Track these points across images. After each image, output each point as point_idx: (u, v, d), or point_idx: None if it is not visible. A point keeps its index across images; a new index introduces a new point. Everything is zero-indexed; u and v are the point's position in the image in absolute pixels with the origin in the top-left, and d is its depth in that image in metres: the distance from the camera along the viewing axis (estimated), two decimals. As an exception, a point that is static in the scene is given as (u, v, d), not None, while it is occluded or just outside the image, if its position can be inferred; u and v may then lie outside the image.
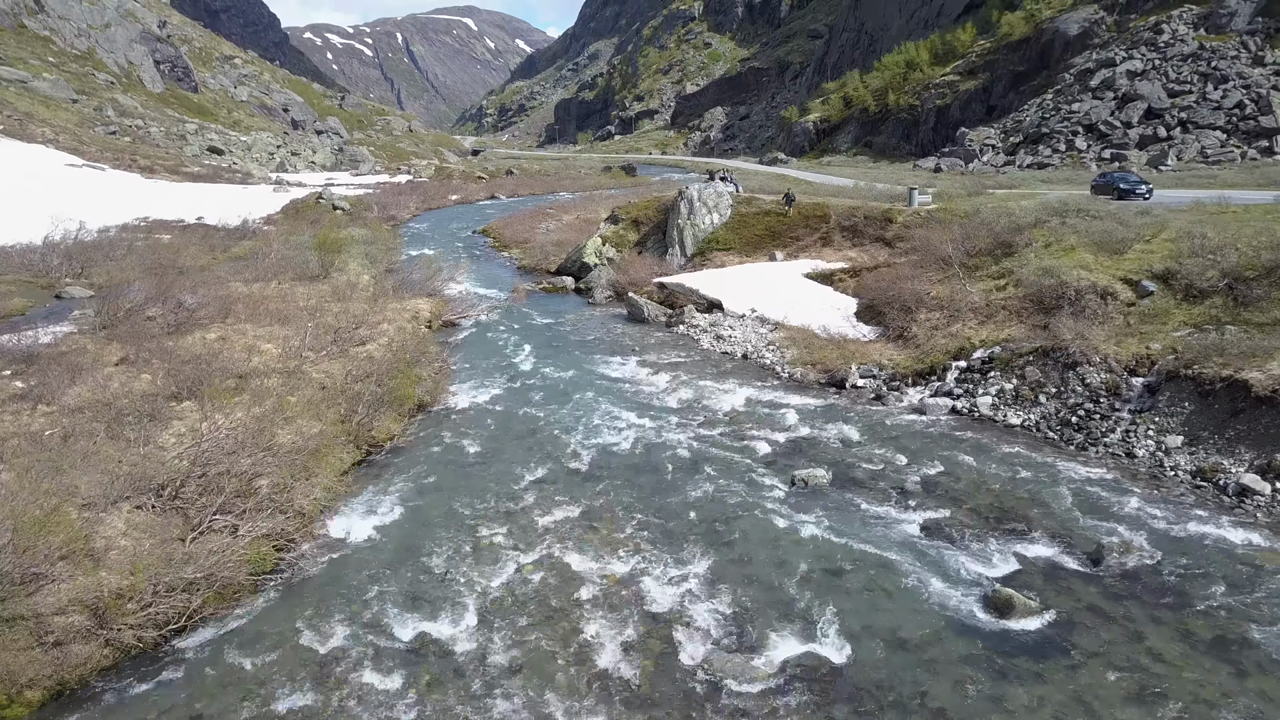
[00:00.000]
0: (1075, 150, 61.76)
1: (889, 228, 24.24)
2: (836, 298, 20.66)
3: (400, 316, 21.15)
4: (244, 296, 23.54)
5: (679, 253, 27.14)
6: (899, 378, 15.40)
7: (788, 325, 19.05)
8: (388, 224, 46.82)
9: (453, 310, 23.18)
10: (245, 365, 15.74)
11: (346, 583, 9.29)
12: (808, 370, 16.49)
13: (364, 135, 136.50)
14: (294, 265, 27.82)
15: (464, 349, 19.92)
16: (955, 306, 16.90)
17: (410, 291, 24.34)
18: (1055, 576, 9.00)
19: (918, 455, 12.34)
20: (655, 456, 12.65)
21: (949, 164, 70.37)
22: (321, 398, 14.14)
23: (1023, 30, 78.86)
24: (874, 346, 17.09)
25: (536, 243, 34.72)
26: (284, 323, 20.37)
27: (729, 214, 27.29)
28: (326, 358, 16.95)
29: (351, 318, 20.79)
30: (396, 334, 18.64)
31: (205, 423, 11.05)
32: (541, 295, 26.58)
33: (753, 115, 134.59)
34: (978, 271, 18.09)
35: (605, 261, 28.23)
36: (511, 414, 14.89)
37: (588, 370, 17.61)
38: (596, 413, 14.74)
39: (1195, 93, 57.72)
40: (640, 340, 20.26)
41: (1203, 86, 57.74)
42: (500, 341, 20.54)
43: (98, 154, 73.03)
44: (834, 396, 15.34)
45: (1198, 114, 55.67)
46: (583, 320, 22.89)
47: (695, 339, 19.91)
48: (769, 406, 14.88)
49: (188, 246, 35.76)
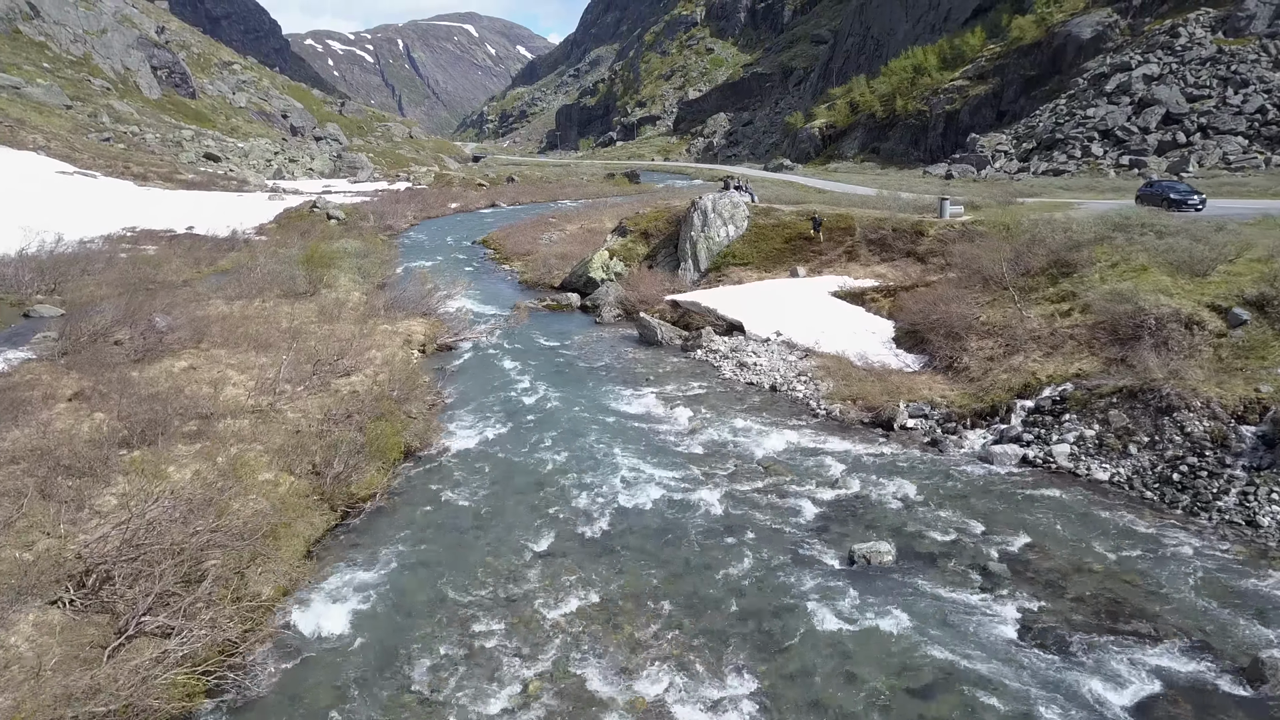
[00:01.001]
0: (1091, 156, 60.23)
1: (920, 241, 22.37)
2: (871, 320, 18.74)
3: (391, 341, 19.26)
4: (222, 317, 21.67)
5: (692, 267, 25.25)
6: (955, 418, 13.47)
7: (820, 352, 17.13)
8: (384, 234, 45.03)
9: (449, 332, 21.30)
10: (212, 403, 13.86)
11: (307, 706, 7.36)
12: (848, 407, 14.56)
13: (363, 141, 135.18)
14: (280, 281, 25.96)
15: (460, 377, 18.02)
16: (1012, 334, 14.99)
17: (403, 311, 22.48)
18: (1206, 704, 7.06)
19: (994, 520, 10.41)
20: (683, 521, 10.72)
21: (960, 170, 68.75)
22: (294, 444, 12.25)
23: (1034, 34, 77.37)
24: (921, 379, 15.18)
25: (539, 255, 32.87)
26: (262, 348, 18.49)
27: (745, 226, 25.42)
28: (306, 392, 15.07)
29: (337, 342, 18.90)
30: (385, 362, 16.75)
31: (138, 500, 9.11)
32: (545, 314, 24.69)
33: (756, 121, 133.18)
34: (1033, 293, 16.19)
35: (613, 277, 26.36)
36: (512, 461, 12.98)
37: (597, 405, 15.71)
38: (609, 460, 12.83)
39: (1215, 97, 56.06)
40: (655, 367, 18.36)
41: (1222, 91, 56.07)
42: (500, 368, 18.65)
43: (90, 161, 71.46)
44: (882, 441, 13.41)
45: (1218, 119, 54.02)
46: (590, 343, 21.00)
47: (716, 366, 17.99)
48: (809, 453, 12.95)
49: (172, 259, 33.95)
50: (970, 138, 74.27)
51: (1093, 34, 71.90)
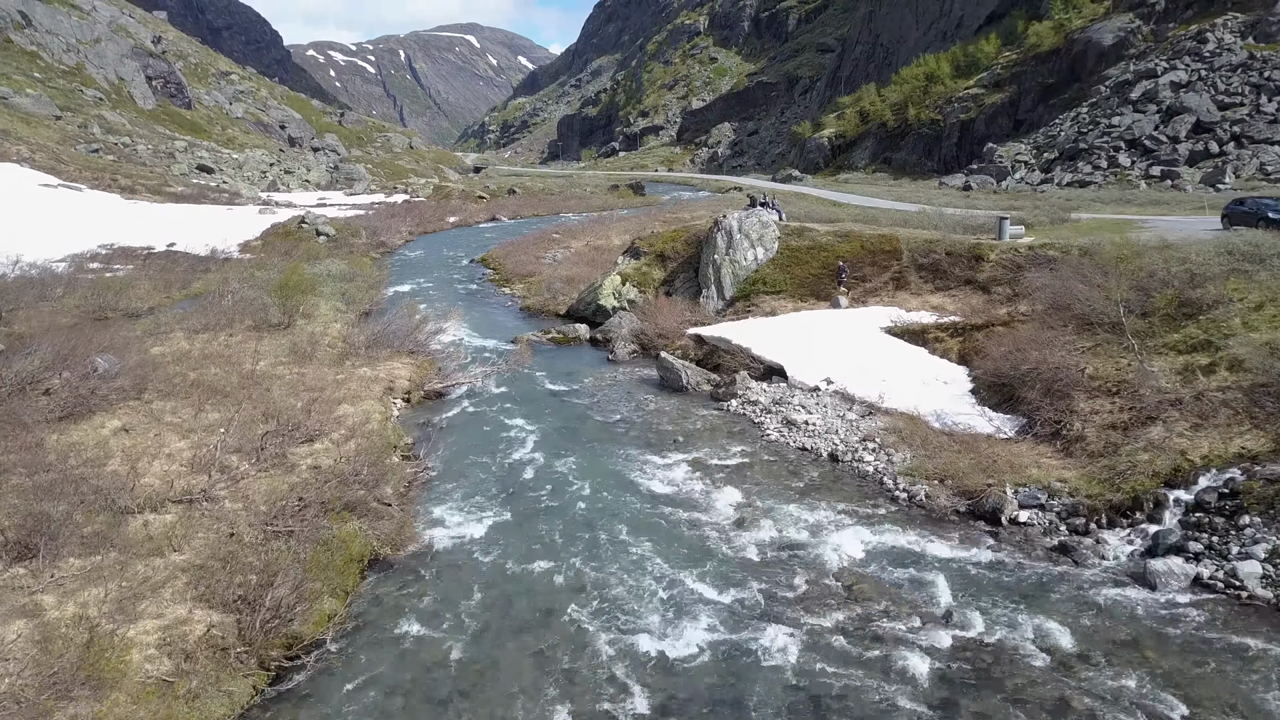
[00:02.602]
0: (1119, 167, 57.62)
1: (980, 267, 19.41)
2: (938, 365, 15.73)
3: (370, 390, 16.24)
4: (177, 357, 18.67)
5: (715, 295, 22.28)
6: (1083, 511, 10.43)
7: (885, 408, 14.10)
8: (377, 251, 42.18)
9: (438, 375, 18.28)
10: (130, 490, 10.86)
11: None
12: (936, 489, 11.52)
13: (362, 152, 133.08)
14: (253, 310, 23.02)
15: (449, 438, 14.99)
16: (1134, 393, 11.98)
17: (388, 347, 19.49)
18: None
19: (1196, 694, 7.35)
20: (746, 687, 7.67)
21: (979, 182, 66.15)
22: (225, 556, 9.26)
23: (1052, 41, 75.07)
24: (1021, 451, 12.15)
25: (542, 276, 29.94)
26: (217, 399, 15.50)
27: (775, 248, 22.46)
28: (255, 468, 12.07)
29: (305, 392, 15.90)
30: (359, 425, 13.74)
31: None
32: (550, 349, 21.68)
33: (761, 131, 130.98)
34: (1149, 339, 13.19)
35: (626, 305, 23.39)
36: (511, 575, 9.94)
37: (617, 479, 12.69)
38: (639, 572, 9.79)
39: (1248, 105, 53.50)
40: (683, 422, 15.33)
41: (1255, 98, 53.54)
42: (498, 423, 15.63)
43: (76, 173, 69.02)
44: (989, 542, 10.35)
45: (1252, 127, 51.45)
46: (603, 387, 17.98)
47: (756, 422, 14.96)
48: (899, 561, 9.91)
49: (141, 282, 31.02)
50: (987, 148, 71.80)
51: (1114, 40, 69.58)
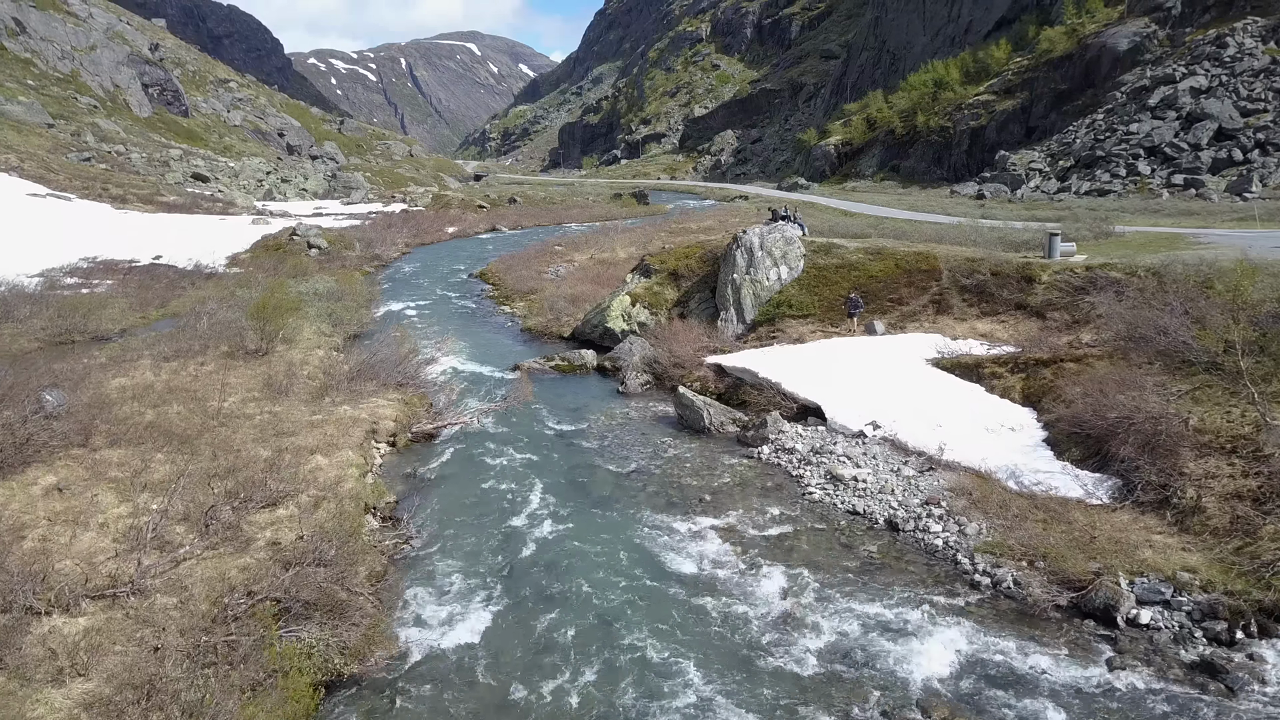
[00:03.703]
0: (1138, 175, 56.10)
1: (1032, 290, 17.39)
2: (1000, 407, 13.66)
3: (349, 434, 14.18)
4: (138, 392, 16.66)
5: (735, 318, 20.25)
6: (1221, 612, 8.36)
7: (947, 461, 12.04)
8: (371, 264, 40.24)
9: (428, 412, 16.23)
10: (43, 578, 8.82)
11: None
12: (1027, 574, 9.43)
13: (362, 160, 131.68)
14: (231, 333, 21.04)
15: (437, 496, 12.92)
16: (1259, 454, 9.92)
17: (375, 379, 17.46)
18: None
19: None
20: None
21: (992, 190, 64.49)
22: (141, 684, 7.20)
23: (1065, 46, 73.63)
24: (1124, 523, 10.08)
25: (545, 294, 27.94)
26: (173, 445, 13.48)
27: (801, 267, 20.46)
28: (202, 542, 10.04)
29: (276, 435, 13.88)
30: (333, 484, 11.68)
31: None
32: (554, 378, 19.62)
33: (765, 138, 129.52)
34: (1264, 383, 11.14)
35: (636, 328, 21.36)
36: (505, 696, 7.87)
37: (636, 555, 10.63)
38: (664, 697, 7.73)
39: (1271, 111, 51.98)
40: (708, 474, 13.27)
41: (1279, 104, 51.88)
42: (494, 476, 13.57)
43: (65, 182, 67.40)
44: (1107, 653, 8.26)
45: (1277, 134, 49.95)
46: (614, 427, 15.91)
47: (794, 475, 12.88)
48: (996, 680, 7.84)
49: (116, 300, 29.03)
50: (999, 155, 70.30)
51: (1130, 45, 68.12)
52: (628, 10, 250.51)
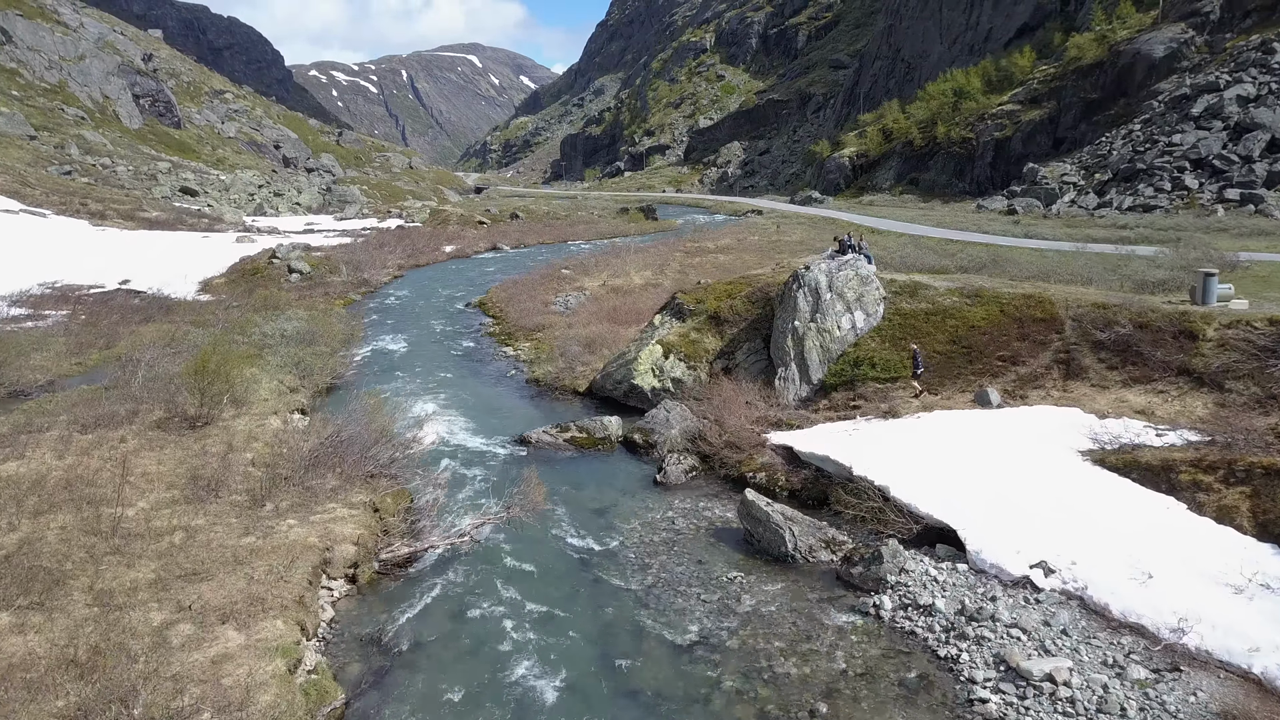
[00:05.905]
0: (1185, 189, 52.29)
1: (1196, 348, 13.35)
2: (1224, 540, 9.49)
3: (291, 573, 10.07)
4: (29, 487, 12.54)
5: (797, 377, 16.13)
6: None
7: (1194, 652, 7.84)
8: (358, 290, 36.22)
9: (405, 521, 12.10)
10: None
11: None
12: None
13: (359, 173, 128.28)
14: (169, 393, 16.97)
15: (407, 683, 8.75)
16: None
17: (339, 467, 13.34)
18: None
19: None
20: None
21: (1024, 205, 60.61)
22: None
23: (1095, 53, 70.00)
24: None
25: (554, 333, 23.88)
26: (35, 593, 9.38)
27: (881, 313, 16.33)
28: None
29: (182, 579, 9.74)
30: (246, 686, 7.54)
31: None
32: (569, 456, 15.46)
33: (773, 150, 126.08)
34: None
35: (671, 384, 17.27)
36: None
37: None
38: None
39: (1329, 121, 47.74)
40: (810, 656, 9.06)
41: (1334, 113, 47.85)
42: (492, 640, 9.45)
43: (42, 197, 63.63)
44: None
45: (1337, 146, 45.83)
46: (658, 549, 11.71)
47: (939, 654, 8.67)
48: None
49: (54, 340, 24.97)
50: (1028, 168, 66.55)
51: (1165, 52, 64.35)
52: (629, 22, 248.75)
